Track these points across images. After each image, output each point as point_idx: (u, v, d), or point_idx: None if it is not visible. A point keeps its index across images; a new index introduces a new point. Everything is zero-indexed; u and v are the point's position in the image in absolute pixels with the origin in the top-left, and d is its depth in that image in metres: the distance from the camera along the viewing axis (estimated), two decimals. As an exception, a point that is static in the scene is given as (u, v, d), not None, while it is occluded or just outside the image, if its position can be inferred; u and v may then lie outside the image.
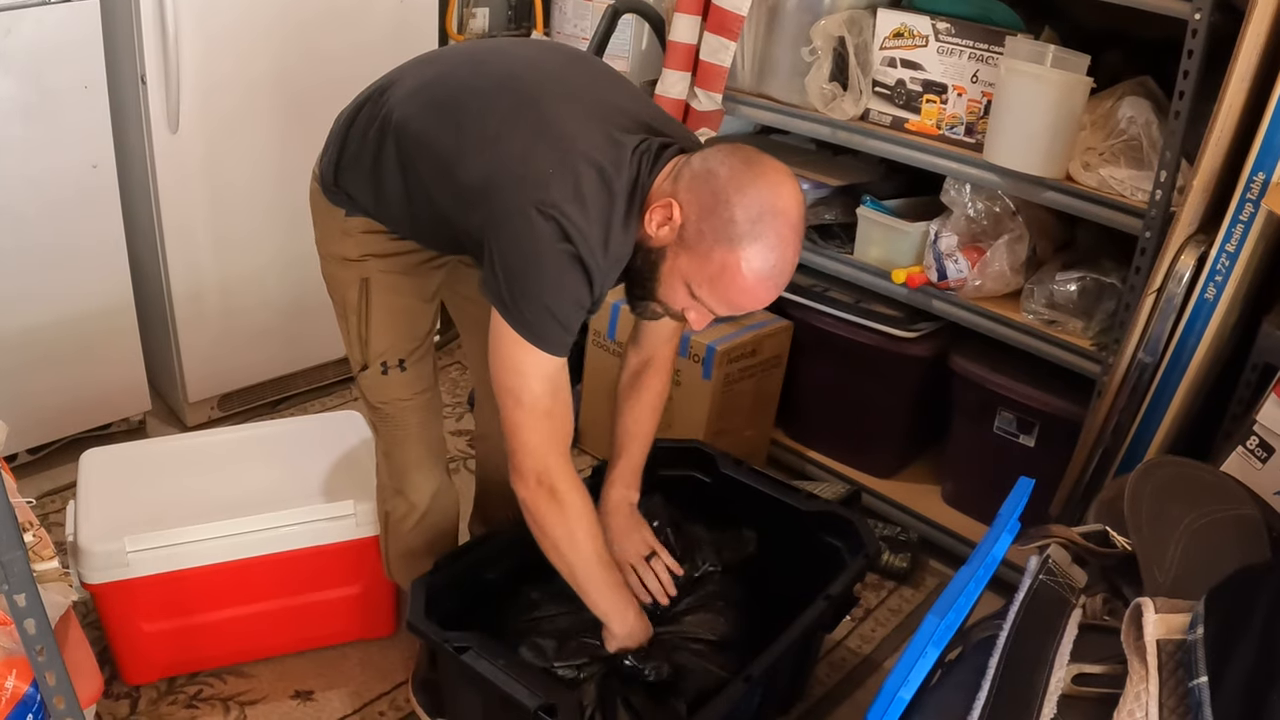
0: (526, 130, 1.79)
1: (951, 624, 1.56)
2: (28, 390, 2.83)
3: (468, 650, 1.89)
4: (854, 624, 2.74)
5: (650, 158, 1.81)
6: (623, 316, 3.11)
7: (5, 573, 1.37)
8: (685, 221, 1.73)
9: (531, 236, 1.71)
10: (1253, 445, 1.99)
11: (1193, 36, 2.18)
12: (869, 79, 2.82)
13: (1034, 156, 2.48)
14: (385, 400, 2.16)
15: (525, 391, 1.83)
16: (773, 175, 1.74)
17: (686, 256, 1.75)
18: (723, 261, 1.71)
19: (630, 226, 1.79)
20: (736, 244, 1.70)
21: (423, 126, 1.88)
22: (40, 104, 2.62)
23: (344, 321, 2.14)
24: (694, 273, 1.75)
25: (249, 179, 3.06)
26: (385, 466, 2.25)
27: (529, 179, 1.74)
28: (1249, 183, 2.14)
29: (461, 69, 1.95)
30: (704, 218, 1.71)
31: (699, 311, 1.82)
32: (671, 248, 1.76)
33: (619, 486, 2.26)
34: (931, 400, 3.07)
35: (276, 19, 2.93)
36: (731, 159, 1.75)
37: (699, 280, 1.75)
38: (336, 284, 2.12)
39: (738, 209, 1.70)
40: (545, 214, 1.70)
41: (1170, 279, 2.26)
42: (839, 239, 2.99)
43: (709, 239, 1.71)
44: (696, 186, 1.73)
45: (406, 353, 2.13)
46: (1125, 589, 1.65)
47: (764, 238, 1.70)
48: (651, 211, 1.76)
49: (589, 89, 1.91)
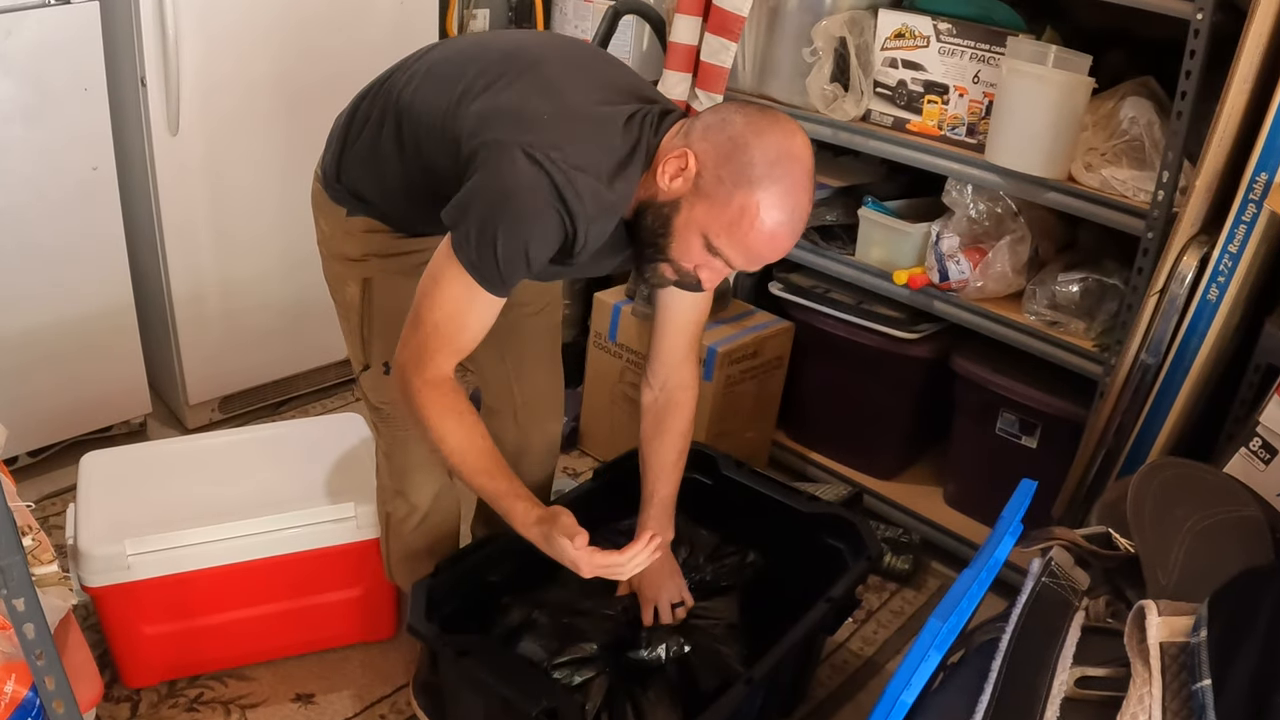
0: (525, 84, 1.79)
1: (954, 627, 1.55)
2: (28, 392, 2.83)
3: (469, 653, 1.89)
4: (856, 626, 2.74)
5: (654, 119, 1.81)
6: (624, 319, 3.11)
7: (4, 577, 1.37)
8: (702, 169, 1.71)
9: (512, 172, 1.70)
10: (1256, 447, 1.99)
11: (1195, 36, 2.18)
12: (870, 80, 2.82)
13: (1036, 157, 2.48)
14: (387, 400, 2.15)
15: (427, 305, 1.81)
16: (787, 123, 1.73)
17: (704, 205, 1.72)
18: (742, 205, 1.68)
19: (627, 177, 1.77)
20: (756, 186, 1.67)
21: (422, 97, 1.89)
22: (40, 106, 2.62)
23: (346, 322, 2.14)
24: (711, 220, 1.72)
25: (249, 181, 3.06)
26: (386, 467, 2.24)
27: (520, 120, 1.74)
28: (1251, 183, 2.13)
29: (466, 48, 1.96)
30: (722, 163, 1.69)
31: (713, 268, 1.78)
32: (686, 199, 1.73)
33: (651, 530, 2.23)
34: (933, 401, 3.06)
35: (276, 21, 2.93)
36: (745, 108, 1.75)
37: (717, 228, 1.72)
38: (339, 283, 2.12)
39: (756, 151, 1.68)
40: (530, 155, 1.69)
41: (1173, 280, 2.25)
42: (840, 240, 2.99)
43: (728, 183, 1.69)
44: (712, 134, 1.72)
45: None
46: (1128, 591, 1.65)
47: (782, 181, 1.69)
48: (664, 164, 1.74)
49: (591, 64, 1.92)
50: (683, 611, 2.22)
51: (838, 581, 2.18)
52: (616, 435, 3.20)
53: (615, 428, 3.24)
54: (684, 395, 2.20)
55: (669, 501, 2.25)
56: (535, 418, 2.42)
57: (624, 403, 3.20)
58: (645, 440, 2.24)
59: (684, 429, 2.22)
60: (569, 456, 3.33)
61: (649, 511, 2.23)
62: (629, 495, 2.36)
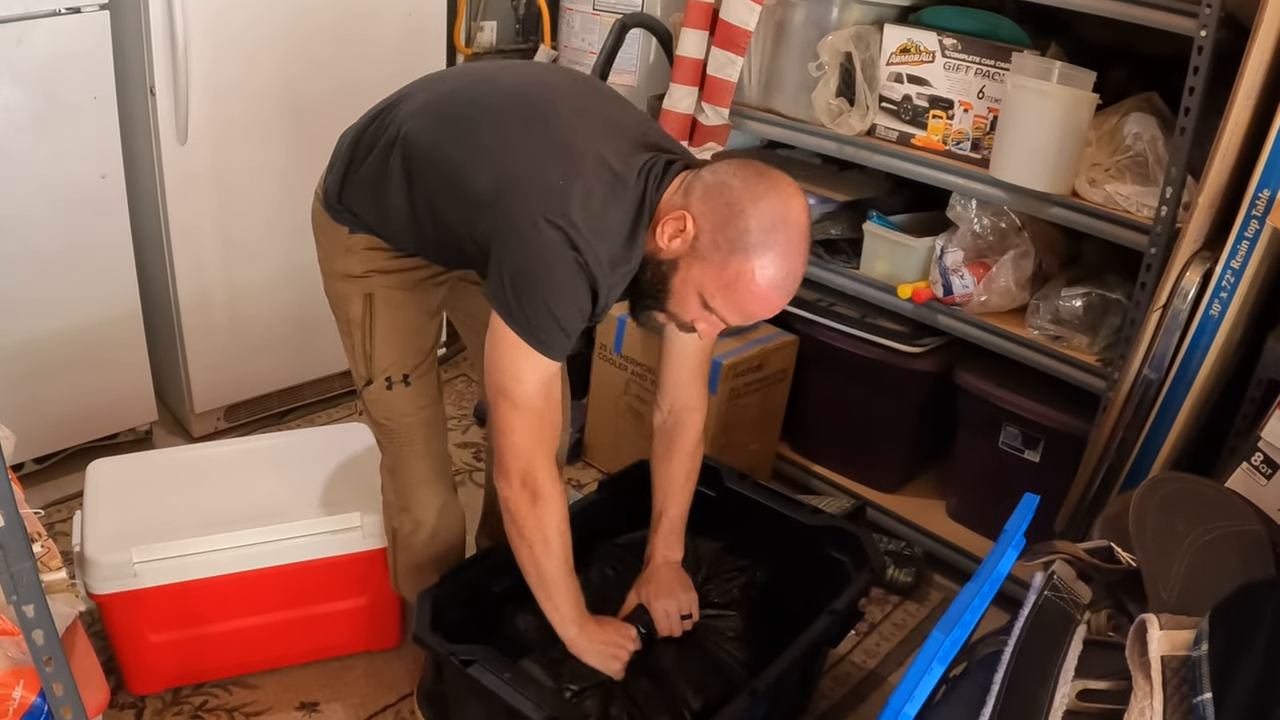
0: (536, 142, 1.81)
1: (956, 640, 1.56)
2: (35, 399, 2.84)
3: (473, 663, 1.89)
4: (859, 638, 2.74)
5: (658, 174, 1.83)
6: (629, 331, 3.12)
7: (14, 584, 1.38)
8: (699, 233, 1.75)
9: (539, 244, 1.73)
10: (1257, 461, 1.99)
11: (1198, 53, 2.19)
12: (875, 94, 2.82)
13: (1040, 172, 2.49)
14: (390, 416, 2.16)
15: (520, 394, 1.83)
16: (785, 188, 1.77)
17: (700, 267, 1.76)
18: (738, 270, 1.73)
19: (637, 239, 1.81)
20: (751, 252, 1.71)
21: (432, 140, 1.90)
22: (50, 114, 2.64)
23: (348, 338, 2.15)
24: (708, 282, 1.76)
25: (257, 190, 3.07)
26: (391, 484, 2.25)
27: (538, 188, 1.76)
28: (1254, 200, 2.14)
29: (472, 85, 1.98)
30: (719, 228, 1.73)
31: (710, 322, 1.83)
32: (685, 259, 1.78)
33: (661, 549, 2.27)
34: (937, 415, 3.07)
35: (285, 32, 2.94)
36: (744, 171, 1.77)
37: (712, 290, 1.77)
38: (340, 301, 2.13)
39: (752, 219, 1.72)
40: (553, 223, 1.72)
41: (1175, 295, 2.26)
42: (845, 254, 3.00)
43: (724, 249, 1.73)
44: (710, 198, 1.75)
45: (410, 367, 2.13)
46: (1130, 605, 1.65)
47: (777, 246, 1.72)
48: (664, 224, 1.78)
49: (598, 108, 1.94)
50: (689, 624, 2.22)
51: (840, 594, 2.18)
52: (621, 447, 3.21)
53: (620, 439, 3.25)
54: (691, 417, 2.22)
55: (679, 521, 2.28)
56: None
57: (629, 415, 3.21)
58: (655, 460, 2.27)
59: (691, 449, 2.24)
60: (574, 468, 3.33)
61: (659, 531, 2.26)
62: (634, 507, 2.37)
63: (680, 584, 2.24)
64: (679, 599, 2.21)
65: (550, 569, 1.98)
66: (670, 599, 2.20)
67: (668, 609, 2.19)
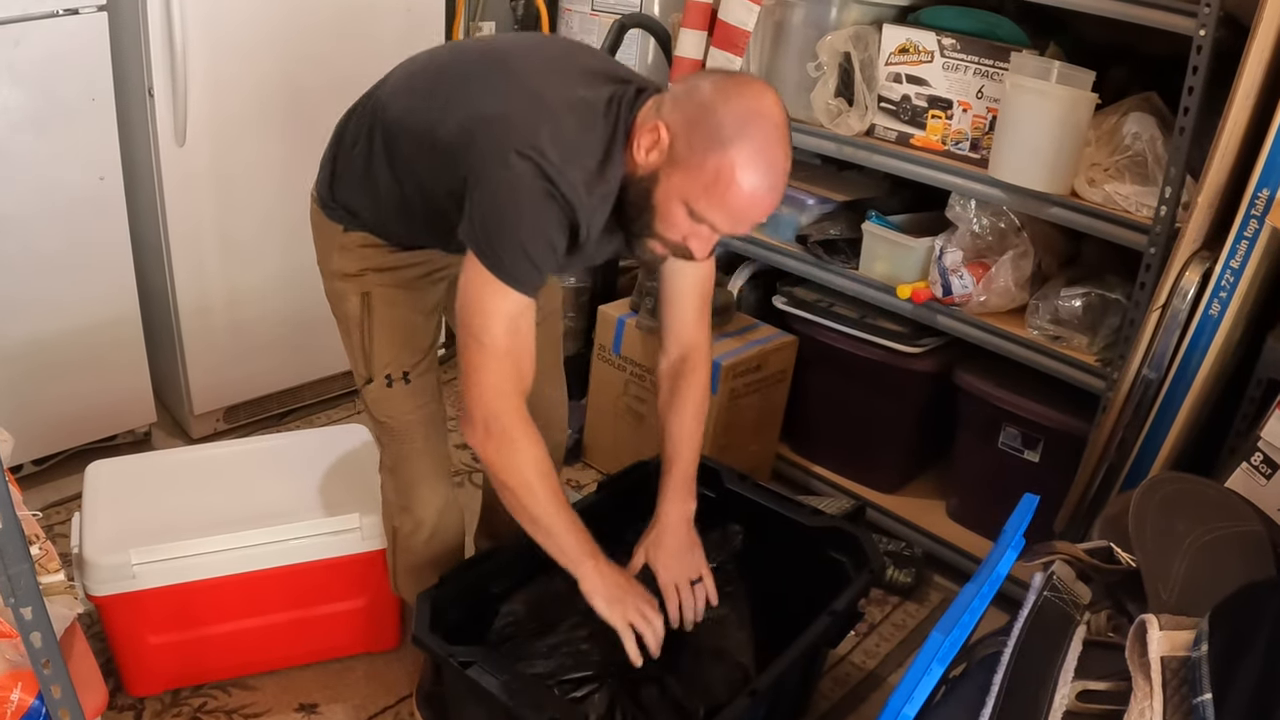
0: (504, 86, 1.82)
1: (956, 641, 1.56)
2: (33, 401, 2.84)
3: (473, 664, 1.89)
4: (858, 639, 2.74)
5: (629, 99, 1.83)
6: (628, 332, 3.12)
7: (12, 586, 1.37)
8: (674, 139, 1.73)
9: (509, 179, 1.73)
10: (1257, 461, 1.99)
11: (1197, 53, 2.19)
12: (874, 95, 2.82)
13: (1039, 172, 2.49)
14: (390, 414, 2.16)
15: (487, 332, 1.80)
16: (755, 85, 1.76)
17: (680, 173, 1.74)
18: (717, 167, 1.70)
19: (612, 159, 1.79)
20: (728, 145, 1.69)
21: (406, 106, 1.92)
22: (48, 115, 2.64)
23: (348, 338, 2.15)
24: (689, 187, 1.73)
25: (255, 191, 3.07)
26: (391, 483, 2.25)
27: (507, 126, 1.75)
28: (1253, 199, 2.14)
29: (442, 55, 2.00)
30: (693, 129, 1.72)
31: (701, 236, 1.80)
32: (664, 170, 1.75)
33: (674, 502, 2.21)
34: (936, 415, 3.07)
35: (284, 32, 2.95)
36: (712, 75, 1.79)
37: (696, 194, 1.73)
38: (339, 300, 2.13)
39: (725, 115, 1.70)
40: (523, 155, 1.72)
41: (1175, 295, 2.26)
42: (844, 254, 3.00)
43: (700, 148, 1.71)
44: (680, 104, 1.75)
45: (410, 365, 2.13)
46: (1130, 605, 1.65)
47: (754, 139, 1.70)
48: (639, 139, 1.77)
49: (565, 55, 1.95)
50: (702, 591, 2.17)
51: (840, 595, 2.18)
52: (620, 448, 3.21)
53: (619, 440, 3.25)
54: (697, 355, 2.18)
55: (690, 467, 2.22)
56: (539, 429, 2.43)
57: (628, 415, 3.21)
58: (662, 410, 2.22)
59: (699, 395, 2.20)
60: (573, 469, 3.33)
61: (669, 482, 2.21)
62: (633, 508, 2.37)
63: (689, 544, 2.20)
64: (686, 563, 2.17)
65: (540, 511, 1.93)
66: (680, 565, 2.15)
67: (677, 580, 2.13)
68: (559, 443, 2.51)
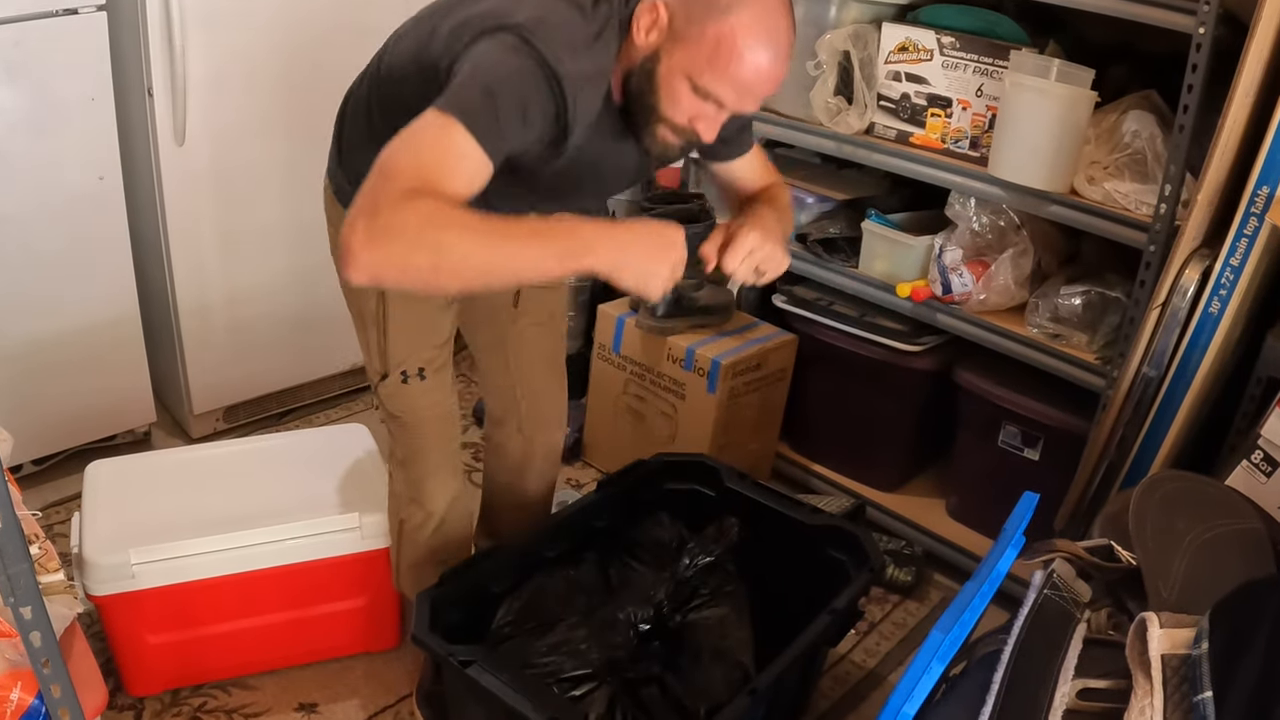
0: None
1: (956, 639, 1.56)
2: (33, 401, 2.84)
3: (473, 664, 1.89)
4: (858, 638, 2.74)
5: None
6: (628, 331, 3.12)
7: (11, 585, 1.37)
8: (672, 15, 1.70)
9: (489, 48, 1.66)
10: (1257, 459, 1.99)
11: (1197, 50, 2.19)
12: (874, 93, 2.82)
13: (1039, 170, 2.49)
14: (404, 410, 2.15)
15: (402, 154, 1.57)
16: None
17: (680, 48, 1.69)
18: (717, 35, 1.66)
19: (605, 41, 1.74)
20: (727, 13, 1.65)
21: (394, 50, 1.91)
22: (47, 115, 2.64)
23: (363, 333, 2.13)
24: (691, 60, 1.69)
25: (255, 191, 3.07)
26: (401, 475, 2.24)
27: (490, 14, 1.71)
28: (1253, 197, 2.14)
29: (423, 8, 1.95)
30: (691, 2, 1.68)
31: (707, 115, 1.75)
32: (665, 47, 1.71)
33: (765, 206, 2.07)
34: (936, 414, 3.07)
35: (284, 32, 2.95)
36: None
37: (698, 66, 1.69)
38: (354, 294, 2.11)
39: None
40: (507, 29, 1.66)
41: (1174, 293, 2.26)
42: (844, 253, 3.00)
43: (699, 19, 1.67)
44: None
45: (426, 361, 2.12)
46: (1130, 604, 1.65)
47: (753, 6, 1.66)
48: (638, 22, 1.73)
49: None
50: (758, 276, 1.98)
51: (840, 593, 2.18)
52: (620, 447, 3.21)
53: (619, 439, 3.25)
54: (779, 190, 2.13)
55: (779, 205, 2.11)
56: (540, 427, 2.44)
57: (628, 415, 3.21)
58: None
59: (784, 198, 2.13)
60: (572, 468, 3.33)
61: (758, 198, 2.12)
62: (633, 506, 2.37)
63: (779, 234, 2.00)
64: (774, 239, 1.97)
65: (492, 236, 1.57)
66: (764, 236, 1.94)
67: (751, 245, 1.91)
68: (558, 441, 2.51)
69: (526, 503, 2.52)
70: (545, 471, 2.51)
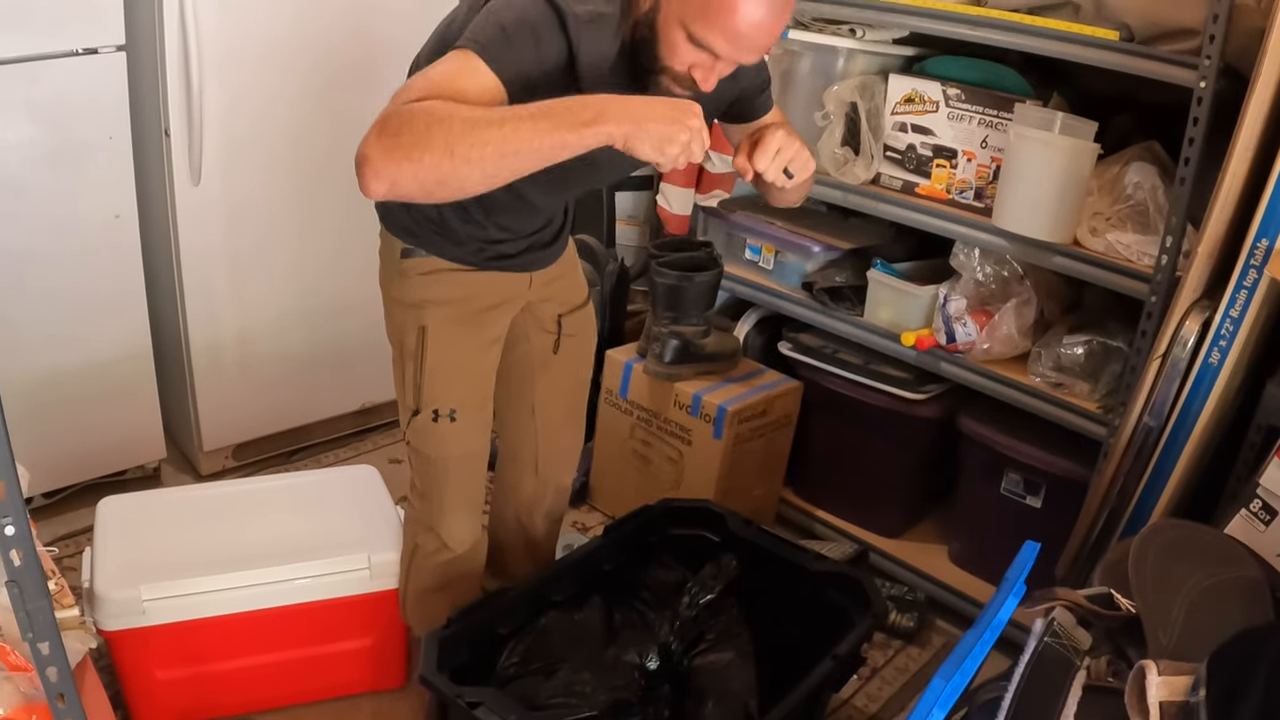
0: None
1: (957, 686, 1.57)
2: (45, 435, 2.86)
3: (480, 705, 1.90)
4: (861, 683, 2.74)
5: None
6: (635, 377, 3.14)
7: (30, 621, 1.39)
8: None
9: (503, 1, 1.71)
10: (1256, 508, 2.01)
11: (1198, 104, 2.22)
12: (880, 144, 2.86)
13: (1042, 221, 2.51)
14: (430, 448, 2.15)
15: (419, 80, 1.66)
16: None
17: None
18: None
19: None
20: None
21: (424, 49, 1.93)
22: (65, 153, 2.67)
23: (399, 367, 2.13)
24: (685, 9, 1.69)
25: (269, 231, 3.10)
26: (421, 505, 2.24)
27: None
28: (1253, 249, 2.16)
29: None
30: None
31: (704, 64, 1.75)
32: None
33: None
34: (939, 461, 3.08)
35: (299, 75, 2.99)
36: None
37: (692, 14, 1.69)
38: (395, 327, 2.12)
39: None
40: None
41: (1175, 344, 2.28)
42: (849, 301, 3.02)
43: None
44: None
45: (458, 402, 2.11)
46: (1129, 651, 1.67)
47: None
48: None
49: None
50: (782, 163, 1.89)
51: (843, 639, 2.19)
52: (626, 491, 3.22)
53: (625, 484, 3.26)
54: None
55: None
56: (555, 469, 2.45)
57: (634, 459, 3.22)
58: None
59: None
60: (579, 511, 3.34)
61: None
62: (639, 551, 2.39)
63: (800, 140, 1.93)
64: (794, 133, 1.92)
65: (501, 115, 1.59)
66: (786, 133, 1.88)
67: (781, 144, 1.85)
68: (569, 483, 2.53)
69: (534, 541, 2.53)
70: (553, 511, 2.54)
